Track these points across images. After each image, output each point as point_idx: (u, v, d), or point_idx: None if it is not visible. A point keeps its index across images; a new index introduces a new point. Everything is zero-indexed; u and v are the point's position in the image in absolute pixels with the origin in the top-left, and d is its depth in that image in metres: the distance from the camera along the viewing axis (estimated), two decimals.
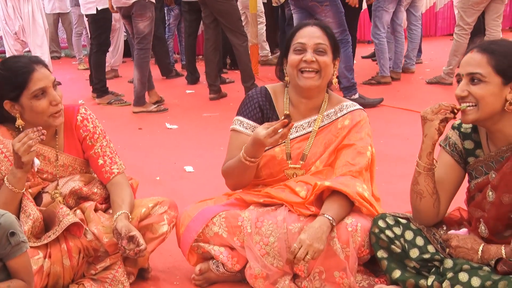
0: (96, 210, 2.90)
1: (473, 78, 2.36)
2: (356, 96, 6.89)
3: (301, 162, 2.95)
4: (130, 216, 2.79)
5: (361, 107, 3.07)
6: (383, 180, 3.97)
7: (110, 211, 2.93)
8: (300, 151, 2.96)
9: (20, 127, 2.78)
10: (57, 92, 2.79)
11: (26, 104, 2.76)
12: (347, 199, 2.71)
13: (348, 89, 6.92)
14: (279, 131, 2.63)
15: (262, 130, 2.66)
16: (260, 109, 3.02)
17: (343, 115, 2.97)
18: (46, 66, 2.83)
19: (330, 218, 2.64)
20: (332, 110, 2.99)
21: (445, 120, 2.44)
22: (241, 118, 3.01)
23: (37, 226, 2.78)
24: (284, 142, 2.91)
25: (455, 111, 2.40)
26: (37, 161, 2.72)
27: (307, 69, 2.87)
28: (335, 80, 3.02)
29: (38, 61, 2.80)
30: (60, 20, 11.94)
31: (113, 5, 6.97)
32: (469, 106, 2.37)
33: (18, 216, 2.67)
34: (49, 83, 2.76)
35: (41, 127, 2.62)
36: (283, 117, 2.68)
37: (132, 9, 6.88)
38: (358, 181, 2.79)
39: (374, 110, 6.60)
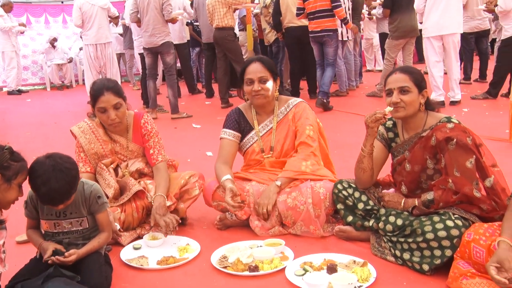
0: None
1: (403, 90, 2.40)
2: (324, 100, 6.89)
3: (271, 153, 2.99)
4: (164, 196, 2.78)
5: (301, 100, 3.08)
6: (340, 159, 4.04)
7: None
8: (268, 143, 2.99)
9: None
10: (118, 111, 2.79)
11: (96, 113, 2.84)
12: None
13: (325, 94, 6.89)
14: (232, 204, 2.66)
15: (229, 197, 2.67)
16: (237, 121, 3.04)
17: (290, 109, 3.02)
18: (116, 91, 2.79)
19: (278, 182, 2.78)
20: (283, 108, 3.03)
21: (380, 123, 2.49)
22: (225, 129, 3.05)
23: (116, 193, 2.84)
24: (257, 139, 3.00)
25: (385, 116, 2.45)
26: (118, 226, 2.71)
27: (257, 95, 2.92)
28: (276, 94, 3.03)
29: (109, 88, 2.77)
30: (121, 57, 11.97)
31: (145, 46, 6.90)
32: (390, 110, 2.43)
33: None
34: (109, 106, 2.76)
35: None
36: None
37: (160, 48, 6.83)
38: (304, 161, 2.84)
39: (333, 114, 6.62)
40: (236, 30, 8.80)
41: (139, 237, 2.82)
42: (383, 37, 8.83)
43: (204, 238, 2.81)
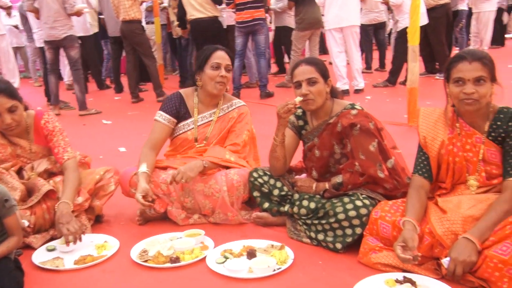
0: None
1: (310, 81, 2.50)
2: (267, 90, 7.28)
3: (204, 142, 2.97)
4: (68, 202, 2.60)
5: (244, 104, 3.07)
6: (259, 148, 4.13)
7: None
8: (204, 134, 2.97)
9: None
10: (14, 114, 2.63)
11: None
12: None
13: (266, 85, 7.29)
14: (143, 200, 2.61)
15: (140, 195, 2.62)
16: (176, 107, 2.98)
17: (233, 109, 3.01)
18: (9, 93, 2.60)
19: (204, 162, 2.77)
20: (226, 105, 3.02)
21: (291, 114, 2.56)
22: (161, 112, 2.98)
23: (23, 195, 2.70)
24: (193, 128, 2.96)
25: (296, 107, 2.52)
26: (26, 223, 2.56)
27: (221, 81, 2.89)
28: (228, 88, 3.05)
29: (1, 90, 2.57)
30: (18, 52, 11.19)
31: (46, 39, 6.44)
32: (300, 100, 2.50)
33: None
34: (2, 110, 2.59)
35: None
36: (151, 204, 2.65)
37: (63, 42, 6.49)
38: (228, 152, 2.87)
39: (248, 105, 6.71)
40: (143, 23, 8.62)
41: (53, 238, 2.70)
42: (280, 30, 9.03)
43: (123, 234, 2.77)
